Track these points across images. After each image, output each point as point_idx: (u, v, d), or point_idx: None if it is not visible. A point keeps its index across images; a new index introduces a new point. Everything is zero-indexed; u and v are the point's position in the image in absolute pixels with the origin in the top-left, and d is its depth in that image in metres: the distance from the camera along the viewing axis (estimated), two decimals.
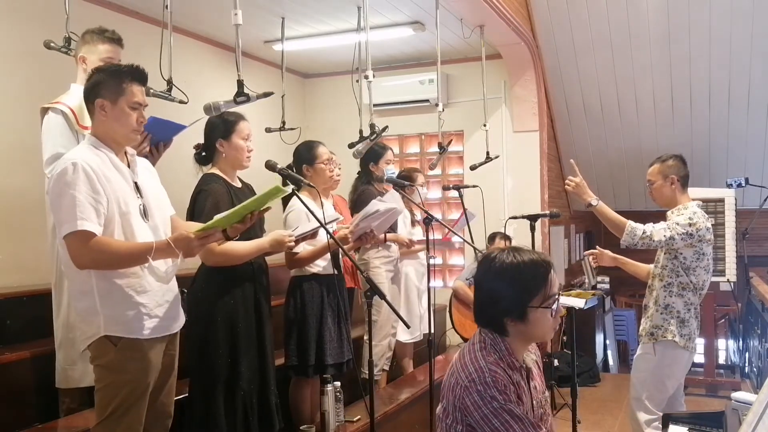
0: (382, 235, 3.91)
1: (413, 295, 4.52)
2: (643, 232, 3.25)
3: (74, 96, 2.78)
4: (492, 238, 5.34)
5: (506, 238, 5.26)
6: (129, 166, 2.28)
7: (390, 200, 3.34)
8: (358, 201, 4.05)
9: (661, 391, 3.32)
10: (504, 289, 1.81)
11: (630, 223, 3.30)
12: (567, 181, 3.43)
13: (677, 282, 3.31)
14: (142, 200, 2.26)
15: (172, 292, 2.35)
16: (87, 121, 2.57)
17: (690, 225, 3.22)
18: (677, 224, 3.24)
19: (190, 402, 2.79)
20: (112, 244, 2.12)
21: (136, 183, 2.27)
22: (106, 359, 2.17)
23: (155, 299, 2.25)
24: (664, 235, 3.23)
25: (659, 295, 3.35)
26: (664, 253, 3.35)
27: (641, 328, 3.44)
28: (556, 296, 1.83)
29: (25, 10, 4.08)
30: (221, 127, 2.87)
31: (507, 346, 1.82)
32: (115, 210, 2.15)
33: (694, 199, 3.40)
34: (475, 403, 1.72)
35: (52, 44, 3.18)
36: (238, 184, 2.93)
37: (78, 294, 2.21)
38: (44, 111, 2.80)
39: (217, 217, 2.26)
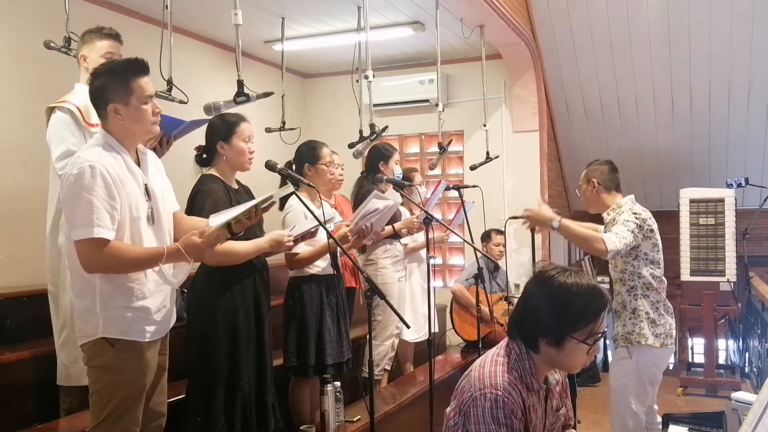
0: (389, 228, 3.88)
1: (418, 295, 4.49)
2: (616, 235, 3.14)
3: (79, 95, 2.79)
4: (487, 235, 5.32)
5: (500, 233, 5.26)
6: (140, 165, 2.27)
7: (389, 197, 3.34)
8: (362, 200, 4.03)
9: (644, 393, 3.27)
10: (553, 309, 1.73)
11: (603, 233, 3.20)
12: (525, 215, 3.30)
13: (640, 284, 3.26)
14: (150, 203, 2.25)
15: (171, 296, 2.35)
16: (94, 119, 2.58)
17: (636, 218, 3.19)
18: (627, 221, 3.19)
19: (188, 402, 2.78)
20: (124, 250, 2.10)
21: (146, 185, 2.25)
22: (103, 360, 2.15)
23: (156, 304, 2.24)
24: (630, 231, 3.16)
25: (626, 300, 3.30)
26: (623, 256, 3.26)
27: (615, 332, 3.36)
28: (600, 335, 1.74)
29: (25, 10, 4.07)
30: (222, 128, 2.84)
31: (531, 365, 1.78)
32: (127, 215, 2.14)
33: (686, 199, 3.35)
34: (476, 417, 1.71)
35: (52, 44, 3.19)
36: (236, 186, 2.91)
37: (79, 292, 2.20)
38: (50, 110, 2.80)
39: (220, 222, 2.23)
